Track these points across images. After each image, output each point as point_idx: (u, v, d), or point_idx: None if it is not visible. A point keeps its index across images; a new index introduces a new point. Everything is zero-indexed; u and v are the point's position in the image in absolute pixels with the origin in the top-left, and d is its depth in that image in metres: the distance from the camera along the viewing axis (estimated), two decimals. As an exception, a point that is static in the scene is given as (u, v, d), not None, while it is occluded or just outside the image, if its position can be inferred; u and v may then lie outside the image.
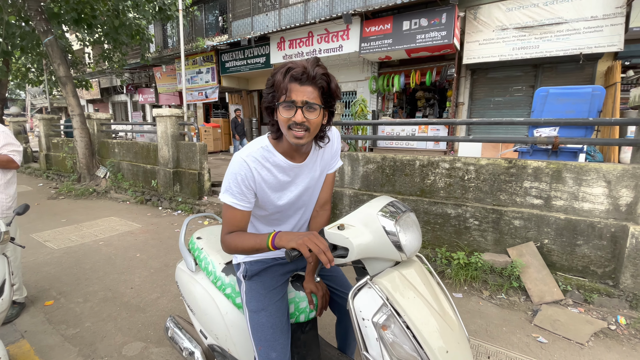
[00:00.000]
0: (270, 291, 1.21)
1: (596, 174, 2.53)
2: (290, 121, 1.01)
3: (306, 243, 0.92)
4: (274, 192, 1.15)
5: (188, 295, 1.53)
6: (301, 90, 0.98)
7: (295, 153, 1.14)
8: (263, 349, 1.12)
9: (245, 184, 1.08)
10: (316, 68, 0.98)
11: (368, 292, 0.96)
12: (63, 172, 8.28)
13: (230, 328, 1.33)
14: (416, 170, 3.29)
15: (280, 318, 1.17)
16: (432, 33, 6.45)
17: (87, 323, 2.32)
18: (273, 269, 1.27)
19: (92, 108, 17.98)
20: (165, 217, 5.03)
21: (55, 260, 3.39)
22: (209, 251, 1.51)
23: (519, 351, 2.05)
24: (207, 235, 1.65)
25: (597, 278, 2.57)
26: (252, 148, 1.11)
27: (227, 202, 1.09)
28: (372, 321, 0.92)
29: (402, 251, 0.96)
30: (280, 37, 8.42)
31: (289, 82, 0.98)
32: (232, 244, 1.09)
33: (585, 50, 5.79)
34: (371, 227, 0.97)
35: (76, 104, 6.72)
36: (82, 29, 7.48)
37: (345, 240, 0.94)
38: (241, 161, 1.08)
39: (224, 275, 1.39)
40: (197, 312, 1.49)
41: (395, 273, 0.99)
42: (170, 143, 5.56)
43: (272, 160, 1.12)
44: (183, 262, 1.63)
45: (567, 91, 3.09)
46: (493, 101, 7.32)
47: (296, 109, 0.99)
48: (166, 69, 12.02)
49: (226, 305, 1.35)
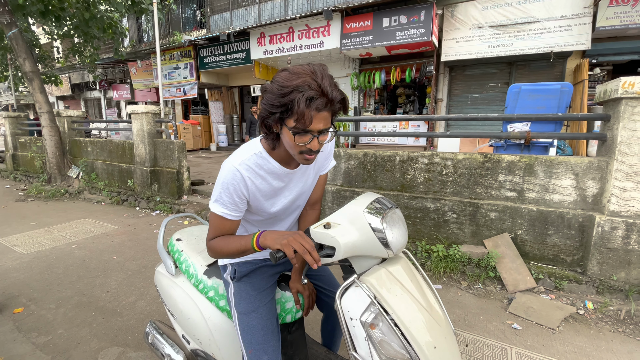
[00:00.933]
0: (260, 292, 1.18)
1: (565, 167, 2.64)
2: (304, 147, 0.95)
3: (291, 243, 0.88)
4: (268, 200, 1.11)
5: (168, 299, 1.48)
6: (319, 117, 0.90)
7: (291, 159, 1.08)
8: (254, 352, 1.09)
9: (238, 194, 1.02)
10: (335, 92, 0.90)
11: (355, 291, 0.95)
12: (32, 172, 7.89)
13: (214, 332, 1.29)
14: (396, 166, 3.34)
15: (271, 319, 1.15)
16: (411, 30, 6.53)
17: (60, 330, 2.23)
18: (262, 270, 1.25)
19: (63, 105, 17.17)
20: (143, 217, 4.89)
21: (25, 265, 3.23)
22: (189, 253, 1.46)
23: (495, 338, 2.12)
24: (187, 237, 1.60)
25: (567, 266, 2.70)
26: (245, 155, 1.03)
27: (218, 213, 1.04)
28: (360, 320, 0.91)
29: (389, 248, 0.95)
30: (261, 32, 8.30)
31: (310, 110, 0.88)
32: (217, 249, 1.05)
33: (555, 49, 6.03)
34: (357, 224, 0.96)
35: (44, 100, 6.40)
36: (49, 22, 7.11)
37: (331, 239, 0.92)
38: (234, 170, 1.01)
39: (206, 278, 1.34)
40: (178, 316, 1.44)
41: (382, 270, 0.98)
42: (147, 141, 5.39)
43: (266, 168, 1.06)
44: (162, 265, 1.57)
45: (538, 87, 3.21)
46: (470, 97, 7.51)
47: (312, 137, 0.93)
48: (142, 64, 11.63)
49: (209, 309, 1.31)
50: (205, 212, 4.68)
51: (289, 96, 0.88)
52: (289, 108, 0.89)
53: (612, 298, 2.45)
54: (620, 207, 2.41)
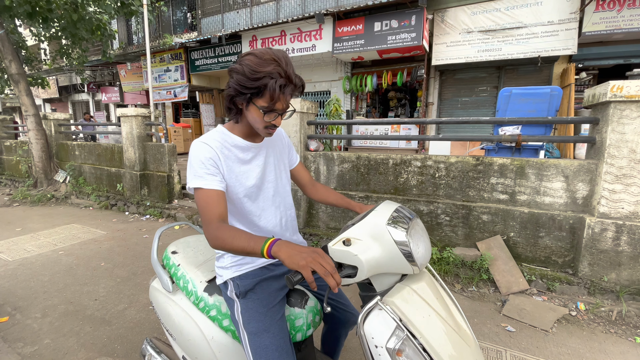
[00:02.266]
0: (269, 309, 1.11)
1: (555, 170, 2.68)
2: (269, 123, 1.08)
3: (310, 264, 0.80)
4: (240, 170, 1.15)
5: (166, 318, 1.35)
6: (284, 99, 1.04)
7: (252, 133, 1.18)
8: None
9: (211, 162, 1.07)
10: (298, 80, 1.05)
11: (379, 314, 0.87)
12: (17, 177, 7.68)
13: (218, 354, 1.19)
14: (390, 169, 3.34)
15: (284, 338, 1.07)
16: (402, 34, 6.59)
17: (47, 340, 2.15)
18: (268, 284, 1.18)
19: (50, 107, 16.82)
20: (133, 222, 4.79)
21: (10, 272, 3.13)
22: (187, 268, 1.34)
23: (489, 341, 2.13)
24: (183, 249, 1.48)
25: (558, 267, 2.73)
26: (209, 134, 1.14)
27: (197, 185, 1.04)
28: (386, 348, 0.83)
29: (414, 263, 0.88)
30: (252, 35, 8.28)
31: (279, 92, 1.01)
32: (219, 237, 0.96)
33: (543, 53, 6.15)
34: (380, 239, 0.88)
35: (30, 103, 6.26)
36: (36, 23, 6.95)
37: (353, 258, 0.85)
38: (200, 143, 1.09)
39: (206, 296, 1.23)
40: (177, 337, 1.31)
41: (407, 289, 0.91)
42: (137, 144, 5.30)
43: (230, 141, 1.15)
44: (157, 280, 1.44)
45: (529, 91, 3.26)
46: (460, 101, 7.61)
47: (277, 115, 1.07)
48: (131, 66, 11.48)
49: (211, 329, 1.21)
50: (197, 216, 4.61)
51: (261, 80, 0.99)
52: (260, 90, 1.01)
53: (603, 299, 2.48)
54: (610, 209, 2.45)
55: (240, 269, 1.18)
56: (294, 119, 3.69)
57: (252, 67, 0.99)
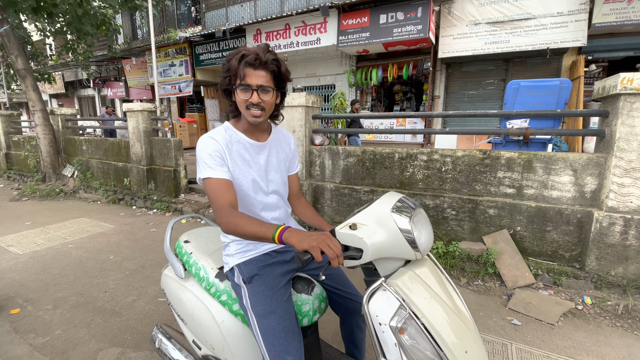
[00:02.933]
0: (275, 292, 1.16)
1: (564, 163, 2.65)
2: (247, 102, 1.12)
3: (320, 245, 0.86)
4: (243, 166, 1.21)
5: (177, 303, 1.41)
6: (255, 74, 1.09)
7: (255, 130, 1.24)
8: (277, 354, 1.06)
9: (218, 154, 1.14)
10: (267, 54, 1.09)
11: (383, 294, 0.91)
12: (26, 172, 7.79)
13: (228, 337, 1.23)
14: (395, 163, 3.33)
15: (291, 320, 1.12)
16: (408, 27, 6.51)
17: (58, 331, 2.20)
18: (272, 269, 1.23)
19: (56, 103, 16.95)
20: (140, 216, 4.85)
21: (21, 265, 3.19)
22: (199, 256, 1.40)
23: (495, 334, 2.13)
24: (195, 238, 1.53)
25: (565, 261, 2.71)
26: (216, 130, 1.21)
27: (207, 175, 1.11)
28: (389, 326, 0.88)
29: (417, 249, 0.93)
30: (257, 29, 8.24)
31: (244, 67, 1.08)
32: (232, 221, 1.02)
33: (552, 45, 6.04)
34: (385, 225, 0.93)
35: (37, 98, 6.31)
36: (41, 18, 6.98)
37: (359, 241, 0.89)
38: (207, 138, 1.16)
39: (218, 282, 1.29)
40: (188, 321, 1.37)
41: (410, 273, 0.95)
42: (143, 139, 5.34)
43: (235, 137, 1.21)
44: (169, 267, 1.50)
45: (537, 84, 3.21)
46: (467, 94, 7.52)
47: (252, 92, 1.10)
48: (136, 61, 11.50)
49: (222, 313, 1.26)
50: (204, 210, 4.65)
51: (230, 62, 1.10)
52: (231, 74, 1.11)
53: (610, 293, 2.47)
54: (618, 203, 2.43)
55: (244, 256, 1.23)
56: (299, 112, 3.68)
57: (228, 55, 1.13)
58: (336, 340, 1.94)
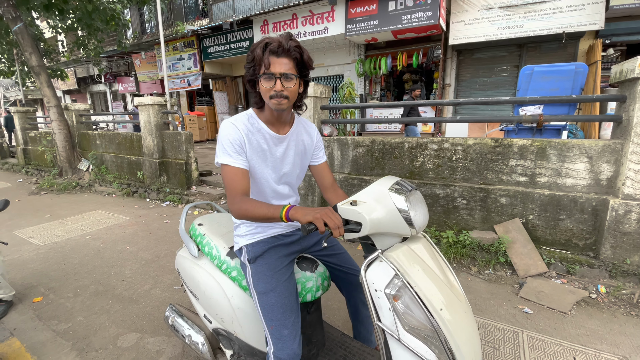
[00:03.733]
0: (276, 272, 1.23)
1: (578, 150, 2.59)
2: (271, 91, 1.12)
3: (323, 217, 0.94)
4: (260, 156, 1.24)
5: (190, 281, 1.53)
6: (278, 62, 1.10)
7: (277, 122, 1.25)
8: (275, 328, 1.16)
9: (237, 143, 1.17)
10: (290, 42, 1.10)
11: (380, 265, 0.99)
12: (43, 166, 8.01)
13: (237, 310, 1.34)
14: (405, 153, 3.31)
15: (289, 297, 1.20)
16: (418, 13, 6.37)
17: (79, 317, 2.30)
18: (276, 250, 1.30)
19: (70, 99, 17.28)
20: (154, 208, 4.95)
21: (42, 256, 3.32)
22: (212, 236, 1.51)
23: (506, 322, 2.13)
24: (209, 222, 1.65)
25: (579, 250, 2.67)
26: (239, 116, 1.23)
27: (226, 162, 1.15)
28: (384, 292, 0.95)
29: (413, 226, 0.99)
30: (264, 20, 8.19)
31: (268, 55, 1.09)
32: (242, 207, 1.10)
33: (567, 29, 5.84)
34: (383, 203, 1.00)
35: (52, 94, 6.45)
36: (53, 15, 7.09)
37: (358, 215, 0.96)
38: (230, 124, 1.18)
39: (229, 259, 1.39)
40: (200, 297, 1.49)
41: (405, 247, 1.03)
42: (155, 133, 5.42)
43: (255, 126, 1.23)
44: (183, 249, 1.63)
45: (551, 69, 3.12)
46: (479, 82, 7.36)
47: (275, 80, 1.11)
48: (145, 55, 11.59)
49: (232, 288, 1.36)
50: (216, 202, 4.72)
51: (255, 51, 1.11)
52: (255, 63, 1.12)
53: (625, 282, 2.43)
54: (635, 190, 2.37)
55: (253, 238, 1.30)
56: (307, 103, 3.68)
57: (253, 45, 1.14)
58: (347, 327, 1.97)
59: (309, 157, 1.40)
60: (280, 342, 1.14)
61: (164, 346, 1.97)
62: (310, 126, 1.41)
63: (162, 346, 1.97)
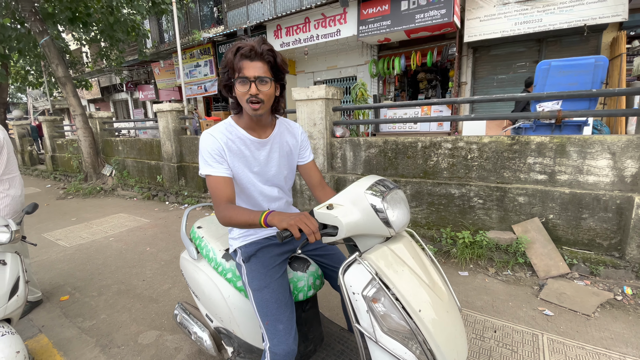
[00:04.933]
0: (269, 270, 1.27)
1: (600, 146, 2.49)
2: (246, 95, 1.13)
3: (297, 224, 0.95)
4: (242, 162, 1.26)
5: (192, 282, 1.59)
6: (252, 66, 1.11)
7: (257, 126, 1.27)
8: (270, 323, 1.18)
9: (217, 152, 1.19)
10: (262, 45, 1.12)
11: (357, 267, 0.99)
12: (69, 172, 8.39)
13: (233, 310, 1.39)
14: (419, 152, 3.28)
15: (283, 293, 1.23)
16: (431, 12, 6.30)
17: (103, 315, 2.40)
18: (269, 250, 1.34)
19: (94, 107, 18.03)
20: (173, 211, 5.10)
21: (68, 257, 3.48)
22: (209, 239, 1.56)
23: (525, 324, 2.07)
24: (207, 225, 1.70)
25: (603, 250, 2.56)
26: (217, 126, 1.25)
27: (207, 173, 1.19)
28: (361, 295, 0.95)
29: (391, 227, 0.99)
30: (277, 24, 8.30)
31: (240, 60, 1.10)
32: (226, 215, 1.12)
33: (589, 22, 5.61)
34: (359, 205, 0.99)
35: (77, 104, 6.76)
36: (77, 28, 7.44)
37: (334, 219, 0.97)
38: (208, 135, 1.21)
39: (224, 261, 1.44)
40: (201, 297, 1.55)
41: (384, 248, 1.02)
42: (173, 138, 5.59)
43: (234, 133, 1.25)
44: (186, 251, 1.69)
45: (569, 63, 3.01)
46: (496, 79, 7.18)
47: (250, 83, 1.12)
48: (164, 64, 11.96)
49: (228, 289, 1.41)
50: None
51: (227, 56, 1.12)
52: (229, 69, 1.13)
53: (654, 283, 2.32)
54: (663, 187, 2.26)
55: (246, 239, 1.36)
56: (319, 105, 3.70)
57: (224, 55, 1.15)
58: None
59: (296, 157, 1.42)
60: (275, 337, 1.15)
61: (182, 344, 2.03)
62: (294, 126, 1.41)
63: (180, 343, 2.03)
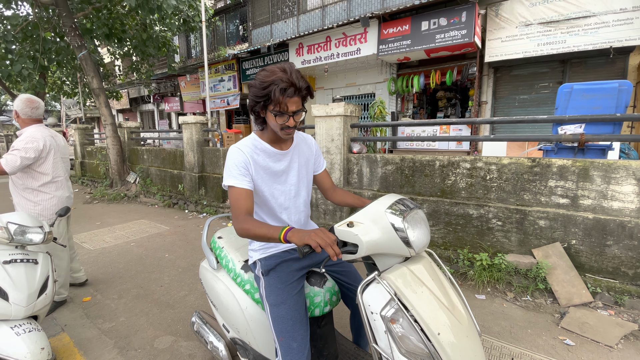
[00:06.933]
0: (287, 285, 1.29)
1: (625, 172, 2.43)
2: (283, 125, 1.23)
3: (314, 238, 0.98)
4: (266, 173, 1.33)
5: (211, 291, 1.62)
6: (291, 101, 1.19)
7: (279, 140, 1.36)
8: (284, 340, 1.20)
9: (243, 165, 1.26)
10: (300, 81, 1.19)
11: (376, 287, 0.99)
12: (97, 178, 8.78)
13: (250, 322, 1.40)
14: (436, 171, 3.27)
15: (299, 310, 1.25)
16: (452, 32, 6.36)
17: (122, 318, 2.48)
18: (288, 265, 1.36)
19: (122, 117, 18.92)
20: (192, 219, 5.24)
21: (92, 260, 3.62)
22: (229, 250, 1.60)
23: (544, 353, 2.00)
24: (227, 235, 1.74)
25: (629, 279, 2.46)
26: (244, 140, 1.34)
27: (231, 184, 1.25)
28: (380, 315, 0.95)
29: (411, 247, 0.98)
30: (299, 43, 8.57)
31: (280, 95, 1.16)
32: (244, 227, 1.15)
33: (615, 44, 5.53)
34: (380, 224, 1.00)
35: (108, 113, 7.14)
36: (112, 43, 7.94)
37: (354, 237, 0.98)
38: (236, 149, 1.29)
39: (243, 272, 1.47)
40: (219, 307, 1.57)
41: (404, 269, 1.01)
42: (196, 149, 5.79)
43: (260, 147, 1.33)
44: (206, 260, 1.72)
45: (593, 87, 2.98)
46: (518, 99, 7.10)
47: (289, 117, 1.21)
48: (190, 78, 12.49)
49: (246, 301, 1.43)
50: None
51: (268, 89, 1.17)
52: (269, 97, 1.18)
53: (686, 317, 2.19)
54: (694, 216, 2.17)
55: (266, 252, 1.38)
56: (338, 122, 3.78)
57: (262, 79, 1.19)
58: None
59: (312, 167, 1.49)
60: (288, 355, 1.17)
61: (196, 351, 2.07)
62: (307, 137, 1.51)
63: (194, 351, 2.07)
